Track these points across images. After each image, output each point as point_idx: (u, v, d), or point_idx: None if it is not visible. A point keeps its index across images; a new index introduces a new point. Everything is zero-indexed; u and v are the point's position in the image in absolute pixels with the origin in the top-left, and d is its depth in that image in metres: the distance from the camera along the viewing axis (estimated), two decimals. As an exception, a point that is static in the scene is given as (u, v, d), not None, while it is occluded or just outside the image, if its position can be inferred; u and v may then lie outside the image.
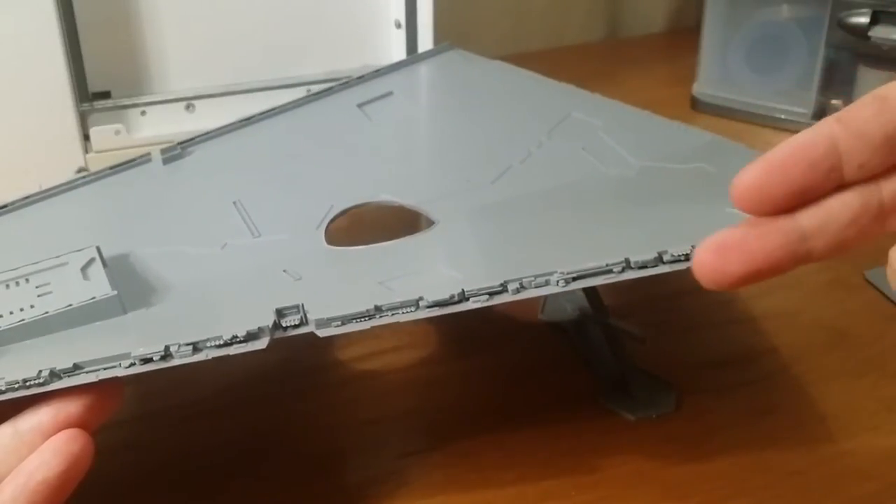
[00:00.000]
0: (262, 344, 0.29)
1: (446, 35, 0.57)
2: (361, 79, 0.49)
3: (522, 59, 0.78)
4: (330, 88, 0.48)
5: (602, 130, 0.42)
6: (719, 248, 0.24)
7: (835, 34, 0.61)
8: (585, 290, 0.42)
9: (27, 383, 0.28)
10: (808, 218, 0.24)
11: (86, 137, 0.53)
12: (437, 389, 0.39)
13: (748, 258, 0.23)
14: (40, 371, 0.28)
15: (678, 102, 0.70)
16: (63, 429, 0.28)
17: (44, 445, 0.27)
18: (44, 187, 0.40)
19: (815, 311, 0.44)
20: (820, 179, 0.23)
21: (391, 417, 0.38)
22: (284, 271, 0.33)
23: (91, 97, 0.53)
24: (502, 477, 0.34)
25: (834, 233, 0.24)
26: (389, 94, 0.48)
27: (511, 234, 0.35)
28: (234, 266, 0.34)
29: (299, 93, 0.57)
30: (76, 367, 0.28)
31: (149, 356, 0.28)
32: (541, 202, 0.37)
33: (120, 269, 0.33)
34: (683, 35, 0.79)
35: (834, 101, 0.64)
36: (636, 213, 0.36)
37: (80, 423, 0.28)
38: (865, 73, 0.63)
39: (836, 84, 0.64)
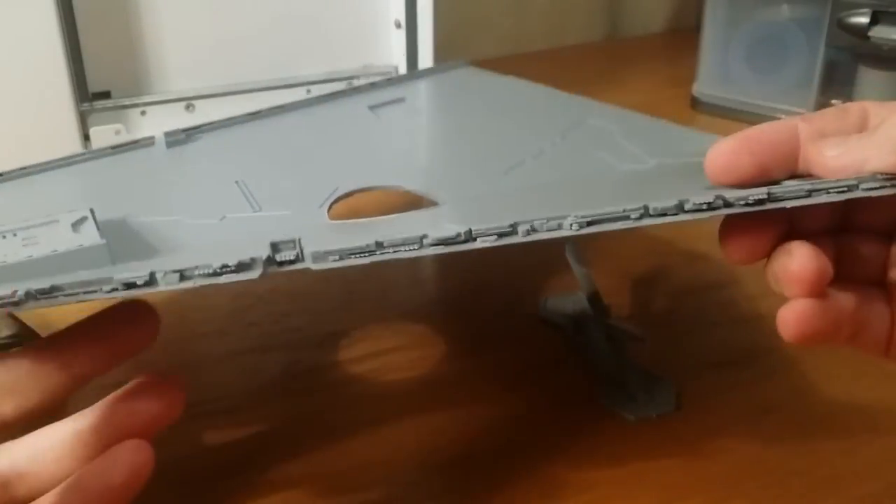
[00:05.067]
0: (253, 274, 0.27)
1: (446, 35, 0.57)
2: (373, 85, 0.49)
3: (522, 59, 0.79)
4: (340, 91, 0.47)
5: (618, 135, 0.41)
6: (804, 309, 0.27)
7: (835, 34, 0.61)
8: (586, 289, 0.42)
9: (1, 301, 0.25)
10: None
11: (86, 137, 0.53)
12: (438, 389, 0.39)
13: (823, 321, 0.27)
14: (15, 290, 0.25)
15: (678, 102, 0.70)
16: (123, 435, 0.27)
17: (110, 452, 0.27)
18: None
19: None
20: (779, 159, 0.28)
21: (392, 418, 0.38)
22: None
23: (91, 97, 0.53)
24: (502, 476, 0.34)
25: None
26: (401, 99, 0.48)
27: (522, 204, 0.34)
28: (230, 234, 0.33)
29: (299, 93, 0.57)
30: (54, 289, 0.26)
31: (132, 280, 0.26)
32: (552, 188, 0.36)
33: (113, 232, 0.31)
34: (683, 35, 0.79)
35: (834, 101, 0.64)
36: (651, 190, 0.34)
37: (140, 432, 0.28)
38: (865, 73, 0.63)
39: (836, 84, 0.64)
